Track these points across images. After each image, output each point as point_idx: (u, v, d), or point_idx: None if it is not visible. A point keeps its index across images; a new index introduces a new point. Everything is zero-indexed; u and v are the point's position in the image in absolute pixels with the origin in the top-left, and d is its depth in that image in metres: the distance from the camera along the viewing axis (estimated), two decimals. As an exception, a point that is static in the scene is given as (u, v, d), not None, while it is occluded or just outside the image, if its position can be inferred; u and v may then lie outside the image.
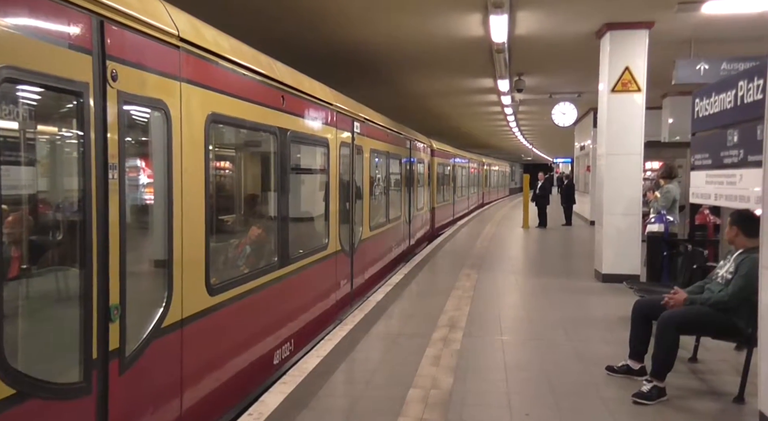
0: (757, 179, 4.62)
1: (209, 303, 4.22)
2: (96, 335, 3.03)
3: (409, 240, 13.65)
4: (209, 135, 4.22)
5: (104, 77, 3.05)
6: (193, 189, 4.02)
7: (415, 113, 21.97)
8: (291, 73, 6.12)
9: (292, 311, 6.00)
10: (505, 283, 9.97)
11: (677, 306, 4.91)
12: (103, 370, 3.09)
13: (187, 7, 4.19)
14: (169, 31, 3.67)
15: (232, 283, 4.67)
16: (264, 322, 5.30)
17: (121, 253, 3.20)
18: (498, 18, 8.83)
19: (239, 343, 4.79)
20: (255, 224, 6.07)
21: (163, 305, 3.68)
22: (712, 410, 4.64)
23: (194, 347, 4.01)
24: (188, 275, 3.93)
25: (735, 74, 7.05)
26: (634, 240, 9.72)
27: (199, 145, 4.10)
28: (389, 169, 11.61)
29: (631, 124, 9.72)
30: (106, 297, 3.08)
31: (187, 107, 3.89)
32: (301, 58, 9.65)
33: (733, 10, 8.74)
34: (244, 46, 5.03)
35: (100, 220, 3.04)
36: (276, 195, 5.73)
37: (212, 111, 4.25)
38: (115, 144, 3.14)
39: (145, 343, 3.46)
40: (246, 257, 5.65)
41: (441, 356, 5.81)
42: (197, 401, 4.06)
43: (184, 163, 3.88)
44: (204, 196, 4.17)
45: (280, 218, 5.72)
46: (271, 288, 5.34)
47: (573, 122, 18.40)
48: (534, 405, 4.73)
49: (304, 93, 6.32)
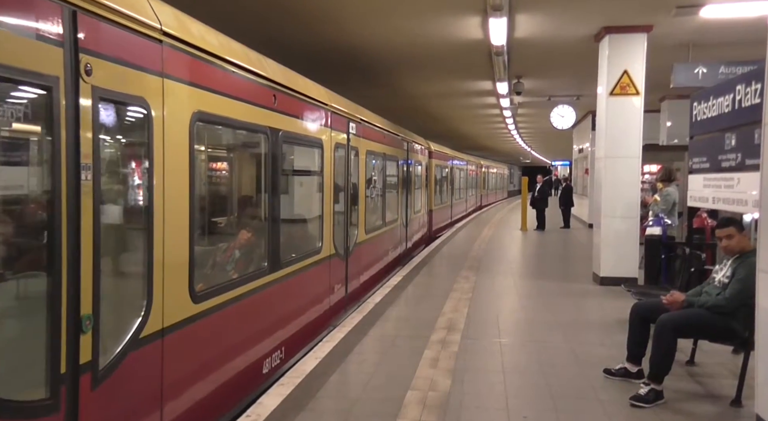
0: (754, 183, 4.64)
1: (193, 311, 4.02)
2: (65, 347, 2.81)
3: (406, 243, 13.49)
4: (194, 134, 4.03)
5: (77, 71, 2.85)
6: (176, 191, 3.83)
7: (414, 115, 21.98)
8: (283, 71, 5.95)
9: (283, 318, 5.80)
10: (504, 285, 9.98)
11: (675, 308, 4.93)
12: (73, 385, 2.87)
13: (186, 9, 4.20)
14: (151, 25, 3.48)
15: (218, 289, 4.47)
16: (253, 330, 5.10)
17: (95, 259, 3.00)
18: (497, 21, 8.86)
19: (226, 352, 4.58)
20: (244, 227, 5.86)
21: (142, 313, 3.48)
22: (710, 413, 4.65)
23: (176, 358, 3.82)
24: (170, 282, 3.74)
25: (733, 78, 7.09)
26: (633, 243, 9.74)
27: (183, 145, 3.91)
28: (386, 171, 11.43)
29: (629, 127, 9.75)
30: (77, 306, 2.89)
31: (170, 105, 3.70)
32: (299, 61, 9.67)
33: (731, 15, 8.77)
34: (233, 43, 4.88)
35: (71, 224, 2.85)
36: (267, 197, 5.54)
37: (198, 109, 4.06)
38: (89, 143, 2.95)
39: (121, 355, 3.26)
40: (235, 261, 5.45)
41: (439, 358, 5.81)
42: (179, 415, 3.87)
43: (166, 164, 3.68)
44: (188, 198, 3.96)
45: (271, 221, 5.53)
46: (260, 294, 5.15)
47: (571, 125, 18.43)
48: (532, 408, 4.73)
49: (298, 92, 6.15)
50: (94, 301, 3.00)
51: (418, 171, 15.68)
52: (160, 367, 3.65)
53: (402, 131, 13.20)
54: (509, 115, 21.44)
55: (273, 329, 5.51)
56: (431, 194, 17.95)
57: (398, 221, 12.54)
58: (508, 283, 10.22)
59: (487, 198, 38.64)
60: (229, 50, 4.63)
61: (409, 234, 13.94)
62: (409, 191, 13.83)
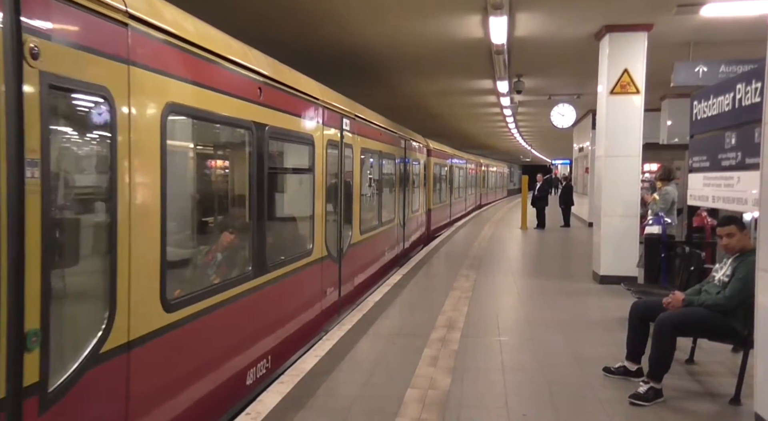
0: (754, 182, 4.64)
1: (165, 321, 3.67)
2: (5, 368, 2.50)
3: (404, 243, 13.24)
4: (167, 128, 3.68)
5: (20, 54, 2.53)
6: (145, 190, 3.49)
7: (414, 114, 21.99)
8: (271, 63, 5.61)
9: (270, 325, 5.45)
10: (503, 284, 9.99)
11: (675, 307, 4.93)
12: (15, 410, 2.55)
13: (185, 8, 4.20)
14: (114, 5, 3.14)
15: (196, 296, 4.12)
16: (235, 339, 4.75)
17: (44, 266, 2.65)
18: (497, 19, 8.86)
19: (204, 364, 4.24)
20: (226, 228, 5.49)
21: (104, 326, 3.13)
22: (709, 411, 4.66)
23: (145, 374, 3.49)
24: (138, 290, 3.38)
25: (733, 77, 7.09)
26: (632, 242, 9.75)
27: (153, 139, 3.56)
28: (382, 169, 11.15)
29: (629, 126, 9.75)
30: (20, 321, 2.55)
31: (138, 95, 3.37)
32: (299, 60, 9.65)
33: (731, 13, 8.78)
34: (213, 30, 4.54)
35: (13, 227, 2.52)
36: (251, 196, 5.16)
37: (171, 101, 3.72)
38: (37, 136, 2.62)
39: (76, 373, 2.90)
40: (216, 265, 5.11)
41: (439, 357, 5.82)
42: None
43: (133, 159, 3.33)
44: (160, 198, 3.62)
45: (256, 222, 5.16)
46: (244, 300, 4.81)
47: (572, 124, 18.44)
48: (531, 406, 4.74)
49: (287, 86, 5.82)
50: (42, 314, 2.66)
51: (416, 169, 15.50)
52: (126, 385, 3.31)
53: (399, 129, 12.96)
54: (509, 114, 21.44)
55: (258, 338, 5.17)
56: (430, 193, 17.82)
57: (395, 220, 12.28)
58: (508, 281, 10.23)
59: (487, 197, 38.62)
60: (208, 38, 4.31)
61: (407, 234, 13.71)
62: (406, 190, 13.59)
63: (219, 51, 4.39)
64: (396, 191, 12.50)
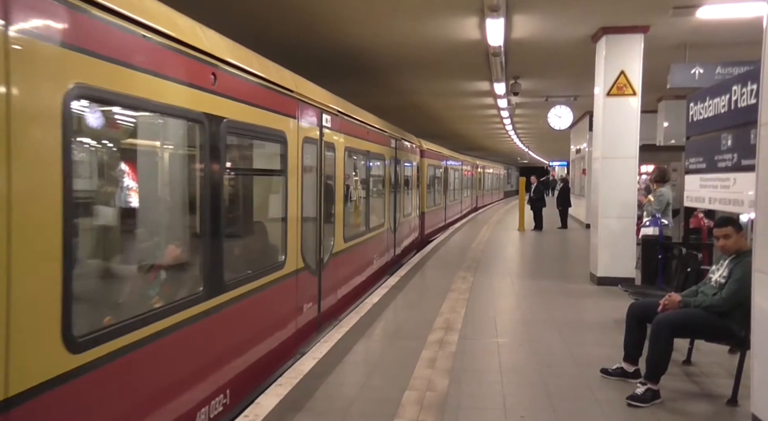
0: (750, 183, 4.65)
1: (70, 365, 2.85)
2: None
3: (395, 250, 12.61)
4: (71, 115, 2.90)
5: None
6: (35, 193, 2.70)
7: (410, 115, 21.99)
8: (231, 46, 4.83)
9: (228, 353, 4.64)
10: (501, 285, 9.99)
11: (672, 309, 4.94)
12: None
13: (182, 8, 4.19)
14: None
15: (116, 330, 3.24)
16: (180, 375, 3.94)
17: None
18: (494, 21, 8.87)
19: (129, 412, 3.41)
20: (164, 241, 4.61)
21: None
22: (706, 412, 4.67)
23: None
24: (25, 326, 2.60)
25: (729, 79, 7.11)
26: (629, 243, 9.77)
27: (50, 127, 2.77)
28: (370, 170, 10.44)
29: (626, 127, 9.78)
30: None
31: (23, 73, 2.60)
32: (295, 60, 9.67)
33: (727, 15, 8.80)
34: (151, 2, 3.75)
35: None
36: (203, 202, 4.33)
37: (78, 82, 2.92)
38: None
39: None
40: (158, 286, 4.28)
41: (437, 358, 5.82)
42: None
43: (15, 154, 2.55)
44: (61, 203, 2.81)
45: (210, 233, 4.32)
46: (193, 327, 4.02)
47: (569, 125, 18.47)
48: (529, 407, 4.74)
49: (250, 73, 5.02)
50: None
51: (409, 171, 14.91)
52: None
53: (390, 128, 12.27)
54: (507, 116, 21.48)
55: (212, 370, 4.38)
56: (423, 196, 17.28)
57: (385, 225, 11.61)
58: (506, 283, 10.24)
59: (483, 199, 38.53)
60: (140, 8, 3.51)
61: (398, 240, 13.07)
62: (397, 193, 12.92)
63: (153, 24, 3.55)
64: (386, 194, 11.86)
